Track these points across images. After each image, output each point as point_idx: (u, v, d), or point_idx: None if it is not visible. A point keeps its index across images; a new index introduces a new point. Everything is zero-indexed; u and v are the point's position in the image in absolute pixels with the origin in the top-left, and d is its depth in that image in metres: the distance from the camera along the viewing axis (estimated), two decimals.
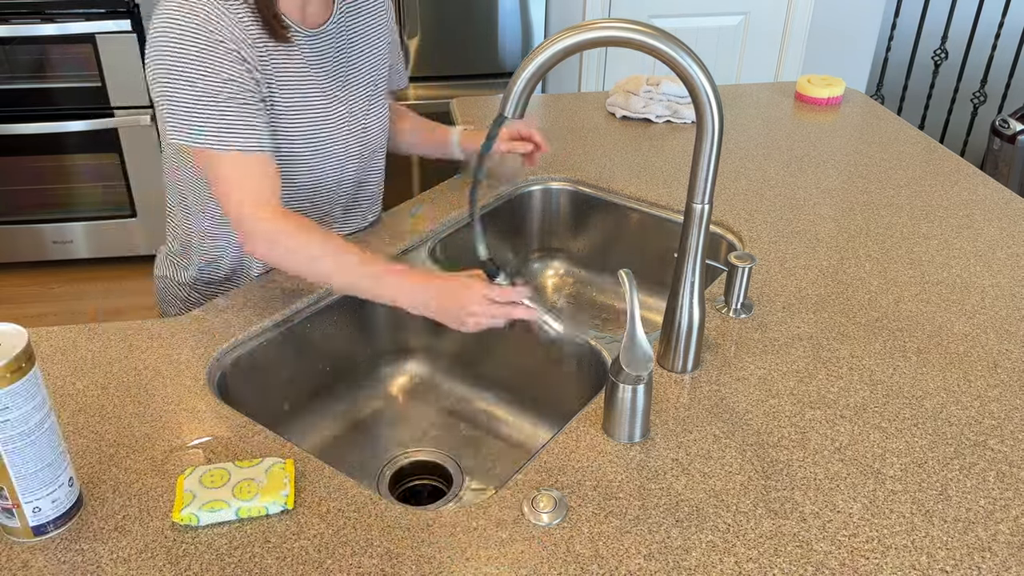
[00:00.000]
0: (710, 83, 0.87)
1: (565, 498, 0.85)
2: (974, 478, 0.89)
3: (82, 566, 0.77)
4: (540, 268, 1.63)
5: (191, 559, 0.78)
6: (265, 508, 0.82)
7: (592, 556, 0.79)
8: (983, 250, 1.33)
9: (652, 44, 0.86)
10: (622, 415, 0.91)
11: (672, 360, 1.04)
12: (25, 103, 2.75)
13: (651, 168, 1.60)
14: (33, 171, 2.86)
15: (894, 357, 1.08)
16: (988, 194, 1.51)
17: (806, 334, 1.12)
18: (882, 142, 1.73)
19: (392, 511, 0.84)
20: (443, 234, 1.39)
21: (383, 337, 1.32)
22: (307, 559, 0.79)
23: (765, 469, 0.89)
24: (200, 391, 1.00)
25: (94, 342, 1.07)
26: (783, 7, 3.04)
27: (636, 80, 1.87)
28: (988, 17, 3.36)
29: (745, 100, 1.95)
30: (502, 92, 0.93)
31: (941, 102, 3.61)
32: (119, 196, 2.95)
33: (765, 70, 3.16)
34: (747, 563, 0.79)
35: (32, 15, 2.61)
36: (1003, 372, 1.05)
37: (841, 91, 1.93)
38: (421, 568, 0.78)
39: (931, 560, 0.79)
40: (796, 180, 1.55)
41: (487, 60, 2.92)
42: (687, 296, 0.99)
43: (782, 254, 1.30)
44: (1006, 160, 3.03)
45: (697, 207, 0.94)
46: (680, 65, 0.87)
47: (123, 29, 2.67)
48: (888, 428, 0.96)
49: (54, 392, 0.99)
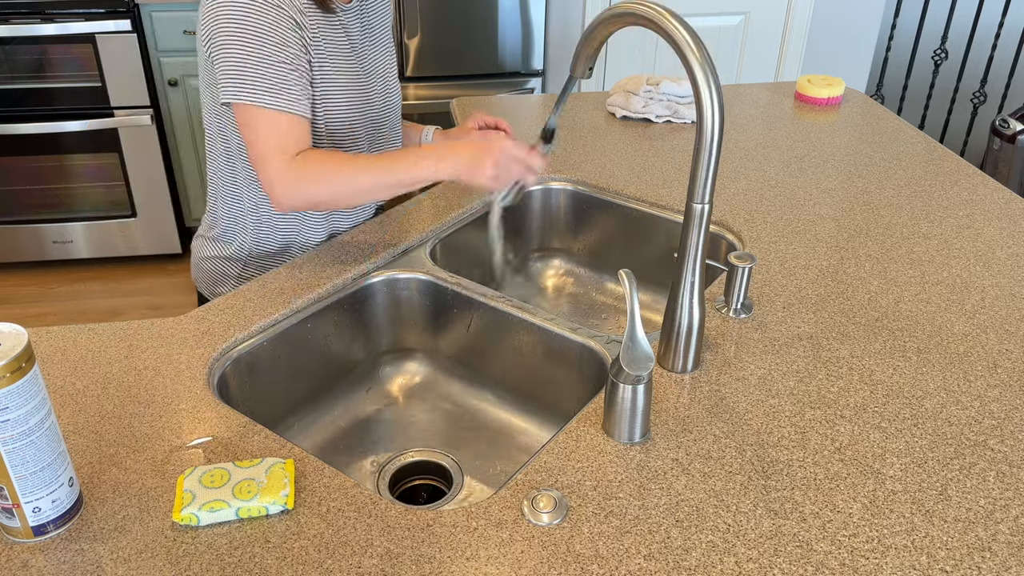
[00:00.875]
0: (713, 82, 0.87)
1: (565, 498, 0.85)
2: (974, 478, 0.89)
3: (82, 566, 0.77)
4: (540, 268, 1.63)
5: (191, 559, 0.78)
6: (265, 508, 0.82)
7: (592, 556, 0.79)
8: (983, 250, 1.33)
9: (671, 26, 0.88)
10: (622, 415, 0.91)
11: (672, 360, 1.04)
12: (25, 103, 2.75)
13: (651, 168, 1.60)
14: (33, 171, 2.86)
15: (894, 357, 1.08)
16: (988, 194, 1.51)
17: (806, 334, 1.12)
18: (882, 142, 1.73)
19: (392, 511, 0.84)
20: (444, 234, 1.39)
21: (383, 337, 1.32)
22: (307, 559, 0.79)
23: (765, 469, 0.89)
24: (200, 391, 1.00)
25: (94, 342, 1.07)
26: (783, 7, 3.04)
27: (636, 80, 1.87)
28: (988, 17, 3.36)
29: (745, 100, 1.95)
30: (502, 92, 0.93)
31: (941, 102, 3.62)
32: (119, 196, 2.95)
33: (765, 70, 3.16)
34: (747, 563, 0.79)
35: (32, 15, 2.61)
36: (1003, 372, 1.05)
37: (841, 91, 1.93)
38: (421, 568, 0.78)
39: (931, 560, 0.79)
40: (796, 180, 1.55)
41: (487, 60, 2.92)
42: (687, 296, 0.99)
43: (782, 254, 1.30)
44: (1006, 160, 3.03)
45: (697, 207, 0.94)
46: (688, 58, 0.87)
47: (123, 29, 2.67)
48: (888, 428, 0.96)
49: (54, 392, 0.99)
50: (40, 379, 0.76)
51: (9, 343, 0.73)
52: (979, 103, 3.43)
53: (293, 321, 1.16)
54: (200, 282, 1.41)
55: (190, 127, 2.94)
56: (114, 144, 2.85)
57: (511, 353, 1.23)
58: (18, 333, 0.74)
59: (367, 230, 1.36)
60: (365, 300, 1.27)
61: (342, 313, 1.24)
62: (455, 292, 1.25)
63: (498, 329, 1.23)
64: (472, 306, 1.24)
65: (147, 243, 3.06)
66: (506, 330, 1.22)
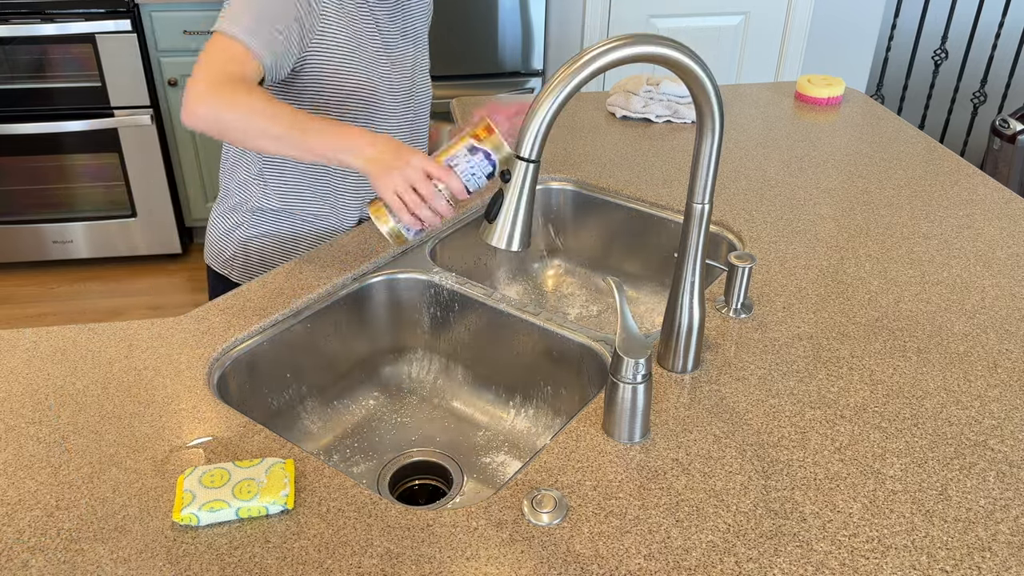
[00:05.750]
0: (711, 82, 0.87)
1: (565, 498, 0.85)
2: (974, 478, 0.89)
3: (82, 566, 0.77)
4: (540, 267, 1.63)
5: (191, 559, 0.78)
6: (265, 508, 0.82)
7: (592, 556, 0.79)
8: (983, 250, 1.33)
9: (649, 52, 0.85)
10: (622, 415, 0.91)
11: (672, 360, 1.04)
12: (25, 103, 2.75)
13: (651, 168, 1.60)
14: (33, 171, 2.86)
15: (894, 357, 1.08)
16: (988, 194, 1.51)
17: (806, 334, 1.12)
18: (882, 142, 1.73)
19: (392, 511, 0.84)
20: (444, 234, 1.39)
21: (383, 337, 1.32)
22: (307, 559, 0.79)
23: (765, 469, 0.89)
24: (200, 391, 1.00)
25: (94, 342, 1.07)
26: (783, 7, 3.04)
27: (636, 80, 1.87)
28: (988, 17, 3.36)
29: (745, 100, 1.95)
30: (502, 92, 0.92)
31: (941, 102, 3.62)
32: (119, 196, 2.95)
33: (765, 70, 3.16)
34: (747, 563, 0.79)
35: (32, 15, 2.61)
36: (1003, 372, 1.05)
37: (841, 91, 1.93)
38: (421, 568, 0.78)
39: (931, 560, 0.79)
40: (796, 180, 1.55)
41: (487, 60, 2.92)
42: (687, 296, 0.99)
43: (782, 254, 1.30)
44: (1006, 160, 3.03)
45: (697, 207, 0.94)
46: (681, 63, 0.87)
47: (123, 29, 2.67)
48: (888, 428, 0.96)
49: (54, 392, 0.99)
50: None
51: None
52: (979, 103, 3.43)
53: (293, 321, 1.16)
54: (214, 260, 1.43)
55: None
56: (114, 144, 2.84)
57: (511, 353, 1.23)
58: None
59: (367, 230, 1.36)
60: (365, 300, 1.27)
61: (342, 313, 1.24)
62: (455, 292, 1.25)
63: (498, 329, 1.23)
64: (472, 306, 1.24)
65: (147, 243, 3.06)
66: (506, 330, 1.22)
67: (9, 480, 0.87)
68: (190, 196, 3.08)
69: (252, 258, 1.39)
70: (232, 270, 1.40)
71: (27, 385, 1.00)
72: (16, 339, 1.08)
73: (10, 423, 0.94)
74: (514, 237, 0.86)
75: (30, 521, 0.82)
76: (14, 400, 0.98)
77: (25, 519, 0.82)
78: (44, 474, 0.88)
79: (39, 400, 0.98)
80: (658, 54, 0.82)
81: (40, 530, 0.81)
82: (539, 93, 0.80)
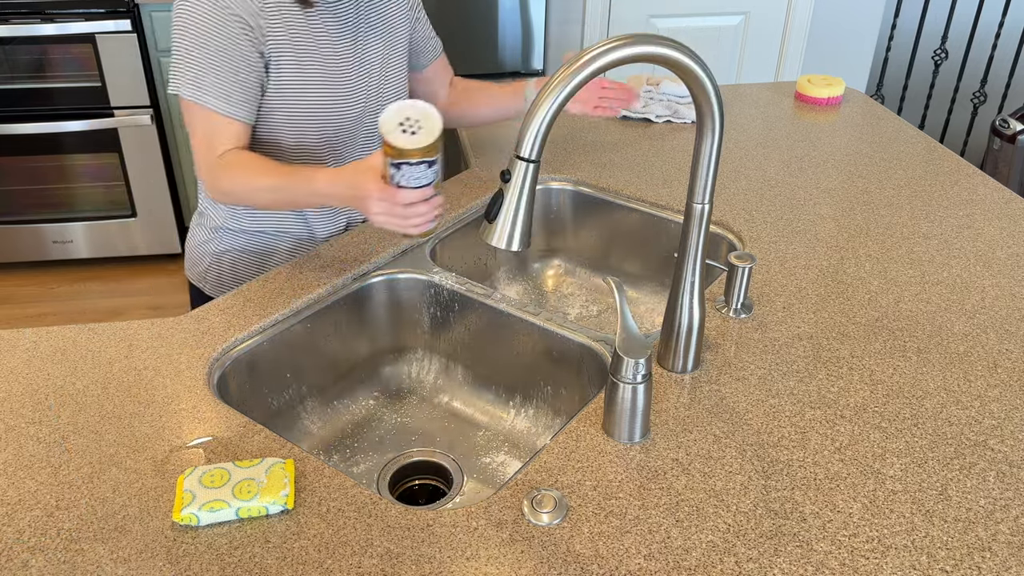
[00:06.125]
0: (711, 82, 0.87)
1: (565, 498, 0.85)
2: (974, 478, 0.89)
3: (82, 566, 0.77)
4: (540, 267, 1.63)
5: (191, 559, 0.78)
6: (265, 508, 0.82)
7: (592, 556, 0.79)
8: (983, 250, 1.33)
9: (649, 52, 0.85)
10: (622, 415, 0.91)
11: (672, 360, 1.04)
12: (25, 103, 2.75)
13: (651, 168, 1.60)
14: (33, 171, 2.86)
15: (894, 357, 1.08)
16: (988, 194, 1.51)
17: (806, 334, 1.12)
18: (882, 142, 1.73)
19: (392, 511, 0.84)
20: (444, 234, 1.39)
21: (383, 337, 1.32)
22: (307, 559, 0.79)
23: (765, 469, 0.89)
24: (200, 391, 1.00)
25: (94, 342, 1.07)
26: (783, 7, 3.04)
27: (636, 80, 1.87)
28: (988, 17, 3.36)
29: (745, 100, 1.95)
30: None
31: (941, 102, 3.62)
32: (119, 196, 2.95)
33: (765, 70, 3.16)
34: (747, 563, 0.79)
35: (32, 15, 2.61)
36: (1003, 372, 1.05)
37: (841, 91, 1.93)
38: (421, 568, 0.78)
39: (931, 560, 0.79)
40: (796, 180, 1.55)
41: (487, 60, 2.92)
42: (687, 296, 0.99)
43: (782, 254, 1.30)
44: (1006, 160, 3.03)
45: (697, 207, 0.94)
46: (681, 63, 0.87)
47: (123, 29, 2.67)
48: (888, 428, 0.96)
49: (54, 392, 0.99)
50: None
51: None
52: (979, 103, 3.43)
53: (293, 321, 1.16)
54: (191, 271, 1.42)
55: None
56: (114, 144, 2.84)
57: (511, 353, 1.23)
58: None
59: (367, 230, 1.36)
60: (365, 300, 1.27)
61: (342, 313, 1.24)
62: (455, 292, 1.25)
63: (498, 329, 1.23)
64: (472, 306, 1.24)
65: (147, 243, 3.06)
66: (506, 330, 1.22)
67: (9, 480, 0.87)
68: (190, 196, 3.08)
69: (225, 272, 1.37)
70: (206, 283, 1.39)
71: (27, 385, 1.00)
72: (16, 339, 1.08)
73: (10, 423, 0.94)
74: (514, 237, 0.86)
75: (30, 521, 0.82)
76: (14, 400, 0.98)
77: (25, 519, 0.82)
78: (44, 474, 0.88)
79: (39, 400, 0.98)
80: (658, 54, 0.82)
81: (40, 530, 0.81)
82: (539, 93, 0.80)
